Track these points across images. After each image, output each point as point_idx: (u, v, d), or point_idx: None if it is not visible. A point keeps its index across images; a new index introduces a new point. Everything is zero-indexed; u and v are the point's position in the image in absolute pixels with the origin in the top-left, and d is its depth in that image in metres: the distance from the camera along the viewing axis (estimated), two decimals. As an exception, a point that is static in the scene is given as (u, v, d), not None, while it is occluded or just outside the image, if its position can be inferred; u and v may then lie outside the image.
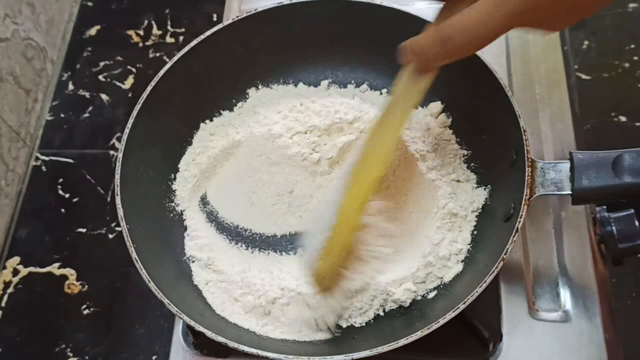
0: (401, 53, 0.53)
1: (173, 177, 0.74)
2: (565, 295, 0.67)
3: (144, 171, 0.70)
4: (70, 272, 0.76)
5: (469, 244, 0.66)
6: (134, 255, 0.61)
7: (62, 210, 0.81)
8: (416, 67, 0.53)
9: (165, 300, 0.58)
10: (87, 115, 0.88)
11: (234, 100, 0.78)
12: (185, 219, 0.72)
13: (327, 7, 0.74)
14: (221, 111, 0.77)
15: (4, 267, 0.77)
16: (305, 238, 0.63)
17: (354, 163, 0.59)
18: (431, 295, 0.65)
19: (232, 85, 0.78)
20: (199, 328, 0.57)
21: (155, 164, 0.72)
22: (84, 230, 0.79)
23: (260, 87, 0.79)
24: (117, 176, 0.65)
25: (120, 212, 0.63)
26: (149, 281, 0.59)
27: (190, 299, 0.65)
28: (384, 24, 0.74)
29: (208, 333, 0.57)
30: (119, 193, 0.64)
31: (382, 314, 0.64)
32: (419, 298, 0.65)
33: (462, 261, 0.66)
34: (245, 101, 0.78)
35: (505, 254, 0.57)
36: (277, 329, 0.63)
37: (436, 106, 0.75)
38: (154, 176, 0.71)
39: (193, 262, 0.69)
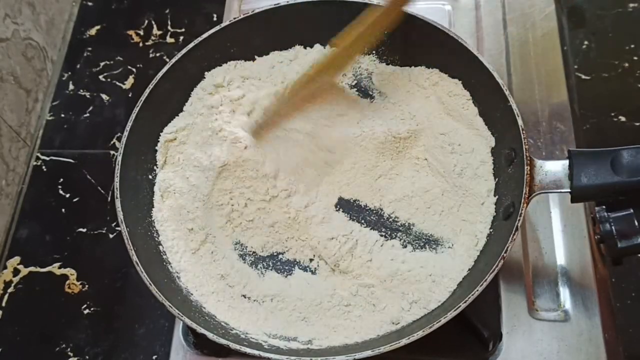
0: None
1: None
2: (564, 294, 0.67)
3: (144, 172, 0.70)
4: (70, 272, 0.76)
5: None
6: (134, 258, 0.61)
7: (63, 210, 0.81)
8: None
9: (167, 303, 0.58)
10: (87, 115, 0.88)
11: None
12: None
13: (326, 8, 0.74)
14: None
15: (5, 267, 0.77)
16: None
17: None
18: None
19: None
20: (201, 330, 0.57)
21: (156, 164, 0.72)
22: (84, 230, 0.79)
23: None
24: (117, 179, 0.65)
25: (120, 215, 0.63)
26: (149, 284, 0.59)
27: (192, 300, 0.65)
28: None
29: (210, 335, 0.57)
30: (118, 196, 0.64)
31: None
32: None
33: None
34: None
35: (505, 252, 0.57)
36: (275, 326, 0.63)
37: None
38: (154, 177, 0.71)
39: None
